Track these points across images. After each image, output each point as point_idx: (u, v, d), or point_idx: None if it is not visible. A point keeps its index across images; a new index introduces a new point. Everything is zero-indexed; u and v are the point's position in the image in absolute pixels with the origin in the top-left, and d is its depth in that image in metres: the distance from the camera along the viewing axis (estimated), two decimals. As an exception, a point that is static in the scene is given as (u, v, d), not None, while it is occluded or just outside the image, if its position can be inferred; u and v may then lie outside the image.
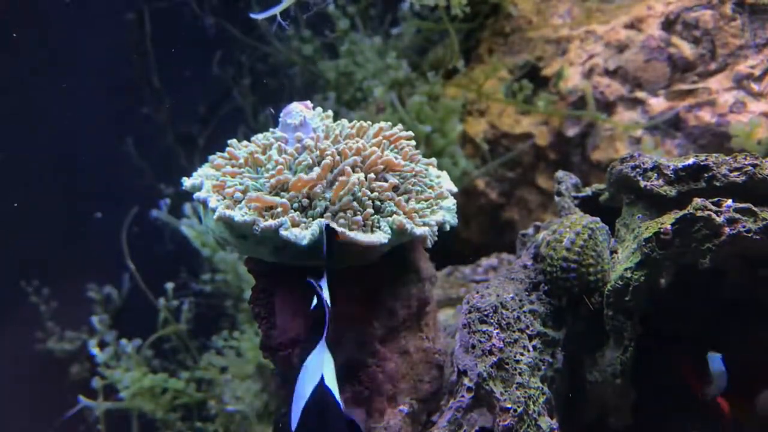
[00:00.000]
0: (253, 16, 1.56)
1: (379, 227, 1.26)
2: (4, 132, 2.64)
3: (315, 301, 1.15)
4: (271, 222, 1.20)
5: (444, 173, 1.49)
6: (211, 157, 1.44)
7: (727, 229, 1.22)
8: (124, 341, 2.30)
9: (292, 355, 1.31)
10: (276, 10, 1.51)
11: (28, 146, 2.72)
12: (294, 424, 1.04)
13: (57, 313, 2.77)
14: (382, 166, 1.34)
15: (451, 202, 1.39)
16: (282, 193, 1.27)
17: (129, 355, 2.28)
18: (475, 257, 2.26)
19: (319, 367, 1.08)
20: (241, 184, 1.31)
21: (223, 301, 2.56)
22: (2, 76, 2.63)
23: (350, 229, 1.23)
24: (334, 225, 1.20)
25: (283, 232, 1.20)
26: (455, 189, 1.45)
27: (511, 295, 1.39)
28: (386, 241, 1.24)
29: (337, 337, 1.33)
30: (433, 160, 1.49)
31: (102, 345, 2.31)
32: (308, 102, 1.45)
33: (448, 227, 1.35)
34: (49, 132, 2.76)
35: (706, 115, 2.10)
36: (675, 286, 1.31)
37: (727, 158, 1.33)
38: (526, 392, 1.26)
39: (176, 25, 2.86)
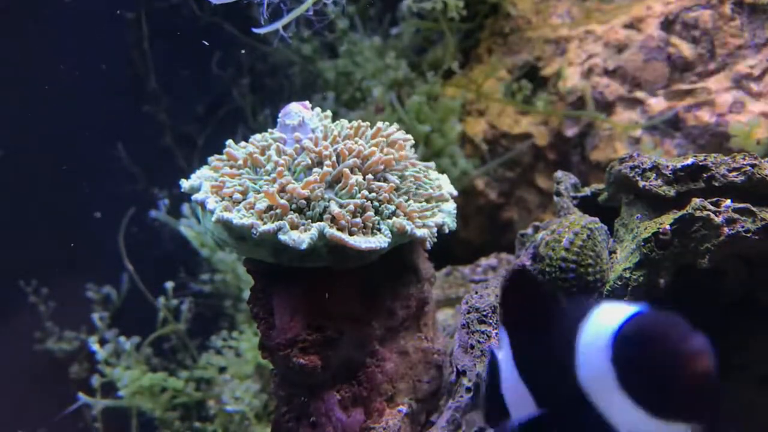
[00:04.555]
0: (255, 30, 1.56)
1: (379, 230, 1.26)
2: (3, 131, 2.64)
3: None
4: (269, 226, 1.20)
5: (444, 176, 1.49)
6: (210, 159, 1.44)
7: (725, 229, 1.22)
8: (123, 339, 2.30)
9: (291, 355, 1.31)
10: (279, 24, 1.51)
11: (27, 145, 2.71)
12: None
13: (56, 313, 2.76)
14: (381, 167, 1.33)
15: (451, 206, 1.39)
16: (281, 194, 1.27)
17: (128, 353, 2.28)
18: (474, 257, 2.26)
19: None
20: (240, 185, 1.30)
21: (222, 301, 2.56)
22: (1, 75, 2.63)
23: (350, 233, 1.23)
24: (332, 230, 1.20)
25: (281, 237, 1.19)
26: (455, 192, 1.45)
27: (510, 296, 1.38)
28: (386, 245, 1.24)
29: (337, 337, 1.33)
30: (432, 164, 1.49)
31: (101, 343, 2.31)
32: (307, 102, 1.45)
33: (447, 230, 1.35)
34: (47, 131, 2.75)
35: (705, 115, 2.09)
36: (674, 286, 1.31)
37: (725, 158, 1.33)
38: (525, 392, 1.26)
39: (175, 25, 2.86)
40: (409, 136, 1.45)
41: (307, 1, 1.51)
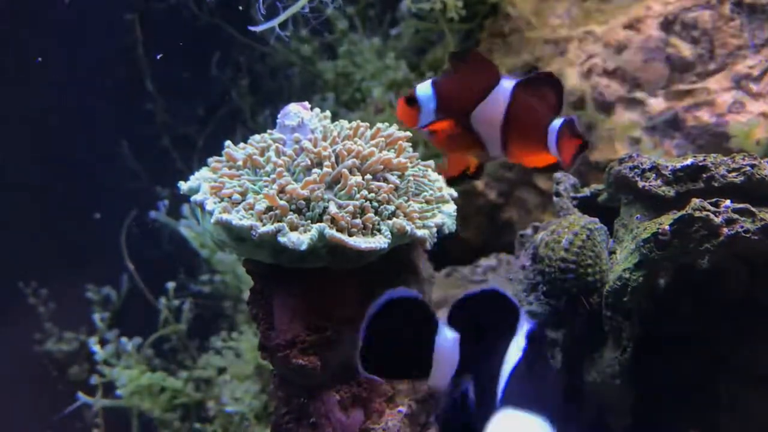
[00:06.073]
0: (252, 29, 1.56)
1: (379, 230, 1.26)
2: (2, 131, 2.64)
3: None
4: (269, 227, 1.20)
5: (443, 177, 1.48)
6: (209, 160, 1.44)
7: (725, 230, 1.22)
8: (124, 340, 2.30)
9: (290, 355, 1.31)
10: (275, 22, 1.51)
11: (26, 145, 2.72)
12: None
13: (55, 314, 2.76)
14: (381, 167, 1.33)
15: (451, 208, 1.39)
16: (280, 194, 1.27)
17: (129, 354, 2.28)
18: (474, 258, 2.26)
19: None
20: (239, 186, 1.30)
21: (222, 302, 2.56)
22: (1, 75, 2.63)
23: (350, 234, 1.23)
24: (332, 231, 1.20)
25: (281, 239, 1.19)
26: (455, 194, 1.45)
27: (509, 296, 1.38)
28: (386, 246, 1.24)
29: (336, 337, 1.33)
30: (431, 162, 1.48)
31: (102, 344, 2.31)
32: (306, 103, 1.45)
33: (446, 231, 1.35)
34: (47, 131, 2.75)
35: (705, 116, 2.10)
36: (673, 286, 1.31)
37: (725, 159, 1.33)
38: (524, 393, 1.26)
39: (174, 26, 2.86)
40: (409, 134, 1.45)
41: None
